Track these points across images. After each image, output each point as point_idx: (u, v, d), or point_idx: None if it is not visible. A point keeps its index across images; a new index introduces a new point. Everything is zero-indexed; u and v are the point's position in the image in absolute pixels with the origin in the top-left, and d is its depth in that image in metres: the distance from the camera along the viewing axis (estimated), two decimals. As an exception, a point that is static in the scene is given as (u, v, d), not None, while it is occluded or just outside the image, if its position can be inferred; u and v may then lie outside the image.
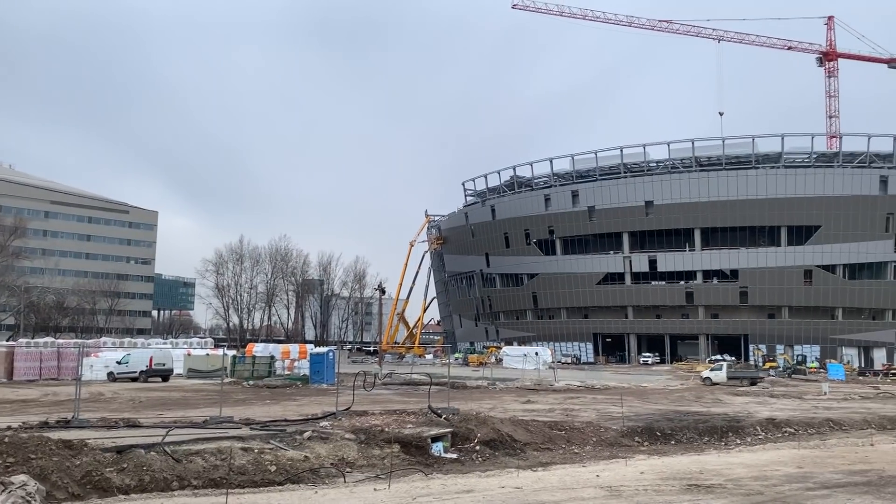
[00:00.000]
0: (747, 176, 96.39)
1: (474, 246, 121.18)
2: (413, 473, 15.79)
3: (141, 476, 13.48)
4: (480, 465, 17.40)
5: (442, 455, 18.12)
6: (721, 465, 16.53)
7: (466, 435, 19.48)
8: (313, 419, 21.26)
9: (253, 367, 49.04)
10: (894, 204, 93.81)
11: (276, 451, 15.92)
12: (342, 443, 17.27)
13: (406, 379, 47.13)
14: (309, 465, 15.58)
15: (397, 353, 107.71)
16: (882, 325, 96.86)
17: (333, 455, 16.52)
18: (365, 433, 18.14)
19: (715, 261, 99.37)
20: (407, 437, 18.23)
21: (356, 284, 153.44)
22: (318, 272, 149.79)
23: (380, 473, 15.37)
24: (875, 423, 27.34)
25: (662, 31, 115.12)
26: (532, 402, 33.93)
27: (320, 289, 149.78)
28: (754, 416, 27.41)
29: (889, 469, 16.26)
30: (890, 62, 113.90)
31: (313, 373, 46.07)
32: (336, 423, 19.98)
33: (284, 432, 17.97)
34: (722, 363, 62.64)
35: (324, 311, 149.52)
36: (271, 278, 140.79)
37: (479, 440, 19.25)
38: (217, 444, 15.72)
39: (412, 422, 20.60)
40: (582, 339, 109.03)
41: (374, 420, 20.91)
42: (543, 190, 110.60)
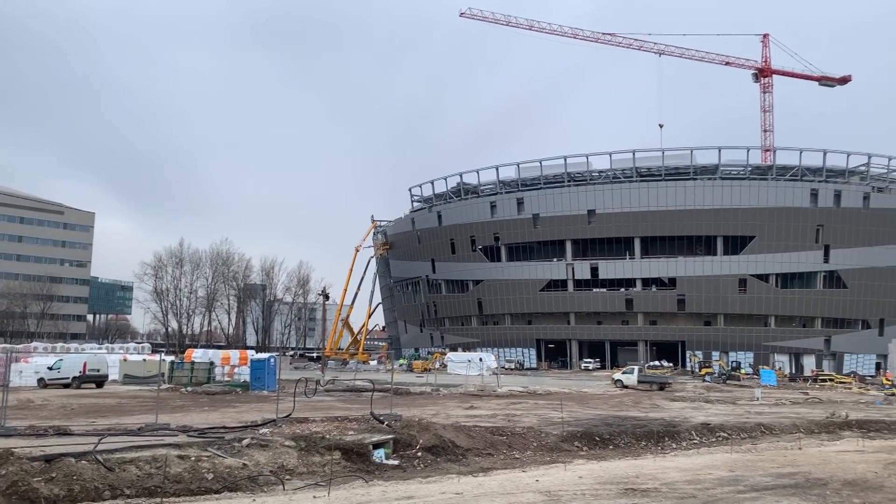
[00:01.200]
0: (685, 187, 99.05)
1: (420, 252, 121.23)
2: (354, 480, 15.70)
3: (71, 486, 13.06)
4: (422, 472, 17.41)
5: (383, 462, 18.07)
6: (657, 470, 16.90)
7: (408, 441, 19.47)
8: (253, 426, 20.93)
9: (192, 373, 47.93)
10: (824, 216, 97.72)
11: (213, 459, 15.63)
12: (282, 450, 17.06)
13: (349, 385, 46.77)
14: (247, 473, 15.34)
15: (341, 359, 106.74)
16: (812, 333, 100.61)
17: (273, 462, 16.31)
18: (305, 440, 17.96)
19: (654, 269, 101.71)
20: (348, 443, 18.12)
21: (300, 290, 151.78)
22: (261, 277, 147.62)
23: (320, 481, 15.24)
24: (803, 428, 28.32)
25: (606, 43, 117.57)
26: (475, 407, 34.10)
27: (262, 294, 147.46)
28: (690, 422, 28.13)
29: (815, 472, 16.87)
30: (821, 80, 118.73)
31: (254, 379, 45.30)
32: (276, 430, 19.72)
33: (223, 439, 17.66)
34: (633, 367, 65.36)
35: (266, 317, 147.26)
36: (212, 283, 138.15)
37: (422, 446, 19.26)
38: (152, 451, 15.35)
39: (354, 428, 20.48)
40: (525, 344, 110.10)
41: (315, 427, 20.72)
42: (489, 197, 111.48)
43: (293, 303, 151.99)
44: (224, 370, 52.22)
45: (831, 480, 15.55)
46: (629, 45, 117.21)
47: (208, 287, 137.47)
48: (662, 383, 58.42)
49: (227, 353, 58.31)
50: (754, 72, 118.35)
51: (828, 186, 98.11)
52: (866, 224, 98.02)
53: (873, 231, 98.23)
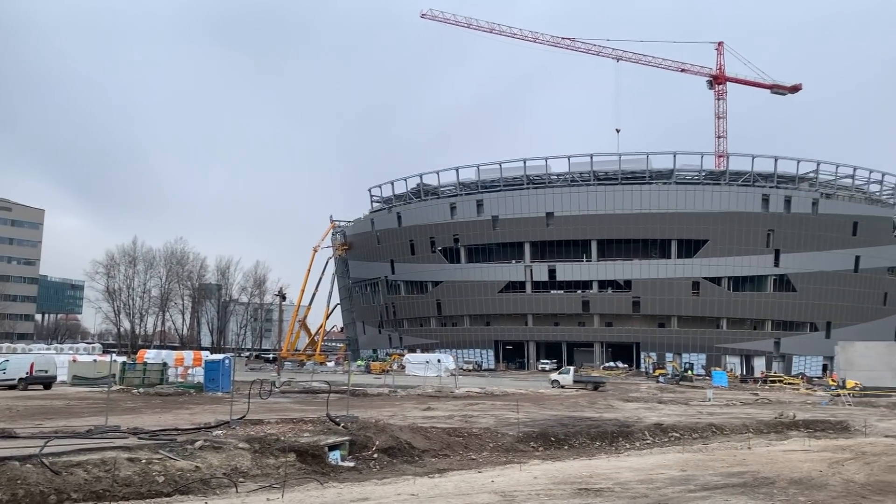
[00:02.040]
0: (641, 191, 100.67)
1: (379, 252, 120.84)
2: (308, 482, 15.57)
3: (14, 490, 12.68)
4: (378, 473, 17.35)
5: (339, 463, 17.96)
6: (610, 470, 17.13)
7: (365, 443, 19.38)
8: (206, 428, 20.61)
9: (144, 374, 46.94)
10: (775, 221, 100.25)
11: (165, 462, 15.34)
12: (235, 452, 16.84)
13: (305, 387, 46.36)
14: (200, 476, 15.10)
15: (298, 360, 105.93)
16: (762, 335, 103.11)
17: (226, 465, 16.08)
18: (260, 442, 17.75)
19: (610, 271, 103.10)
20: (303, 445, 17.96)
21: (256, 290, 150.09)
22: (216, 277, 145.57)
23: (274, 483, 15.07)
24: (753, 428, 28.95)
25: (565, 48, 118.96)
26: (432, 409, 34.12)
27: (218, 294, 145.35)
28: (643, 422, 28.57)
29: (763, 471, 17.26)
30: (773, 88, 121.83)
31: (208, 380, 44.58)
32: (230, 432, 19.45)
33: (175, 442, 17.34)
34: (569, 368, 67.22)
35: (221, 317, 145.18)
36: (166, 282, 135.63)
37: (378, 448, 19.19)
38: (101, 454, 15.00)
39: (309, 430, 20.32)
40: (484, 346, 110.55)
41: (269, 429, 20.50)
42: (449, 199, 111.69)
43: (249, 303, 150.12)
44: (178, 371, 51.31)
45: (778, 479, 15.94)
46: (588, 51, 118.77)
47: (162, 286, 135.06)
48: (597, 383, 60.35)
49: (181, 354, 57.34)
50: (709, 79, 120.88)
51: (778, 192, 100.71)
52: (815, 229, 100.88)
53: (821, 236, 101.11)
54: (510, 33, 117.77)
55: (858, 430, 29.28)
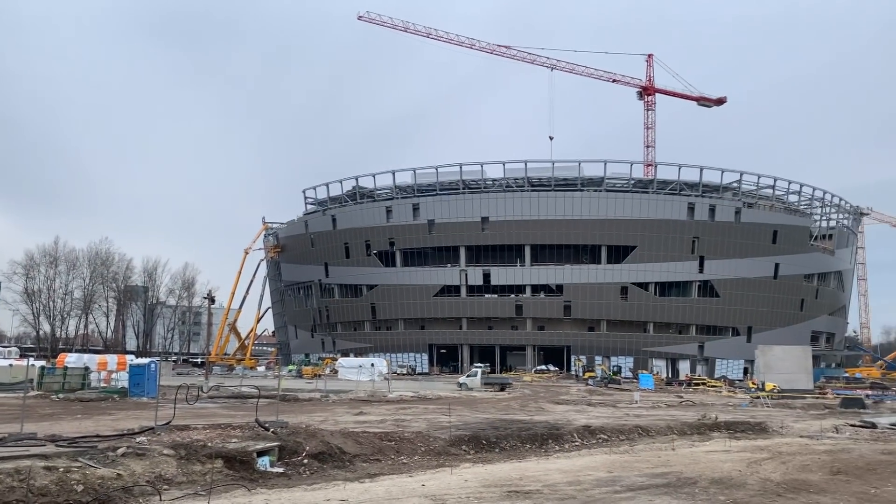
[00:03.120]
0: (573, 197, 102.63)
1: (313, 255, 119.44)
2: (236, 489, 15.27)
3: (-81, 503, 12.02)
4: (307, 479, 17.15)
5: (268, 469, 17.67)
6: (540, 472, 17.38)
7: (295, 448, 19.12)
8: (129, 434, 19.96)
9: (64, 379, 45.13)
10: (699, 229, 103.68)
11: (84, 470, 14.78)
12: (160, 459, 16.36)
13: (234, 392, 45.42)
14: (122, 484, 14.61)
15: (227, 364, 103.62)
16: (687, 339, 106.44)
17: (150, 472, 15.60)
18: (186, 448, 17.29)
19: (542, 276, 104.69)
20: (231, 451, 17.59)
21: (184, 292, 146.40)
22: (143, 278, 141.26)
23: (200, 490, 14.73)
24: (677, 430, 29.73)
25: (502, 55, 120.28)
26: (364, 413, 33.90)
27: (144, 296, 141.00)
28: (572, 424, 29.06)
29: (686, 471, 17.81)
30: (699, 100, 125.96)
31: (133, 385, 43.18)
32: (154, 439, 18.89)
33: (95, 449, 16.71)
34: (477, 370, 68.06)
35: (147, 320, 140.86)
36: (90, 284, 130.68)
37: (308, 453, 18.96)
38: (15, 463, 14.34)
39: (238, 436, 19.92)
40: (418, 349, 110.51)
41: (196, 435, 20.00)
42: (385, 202, 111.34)
43: (177, 306, 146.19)
44: (101, 376, 49.45)
45: (700, 479, 16.48)
46: (523, 59, 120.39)
47: (85, 288, 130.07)
48: (503, 384, 62.04)
49: (105, 358, 55.37)
50: (639, 90, 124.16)
51: (703, 201, 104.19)
52: (737, 237, 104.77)
53: (743, 244, 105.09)
54: (447, 39, 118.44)
55: (776, 431, 30.45)
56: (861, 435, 29.59)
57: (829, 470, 18.52)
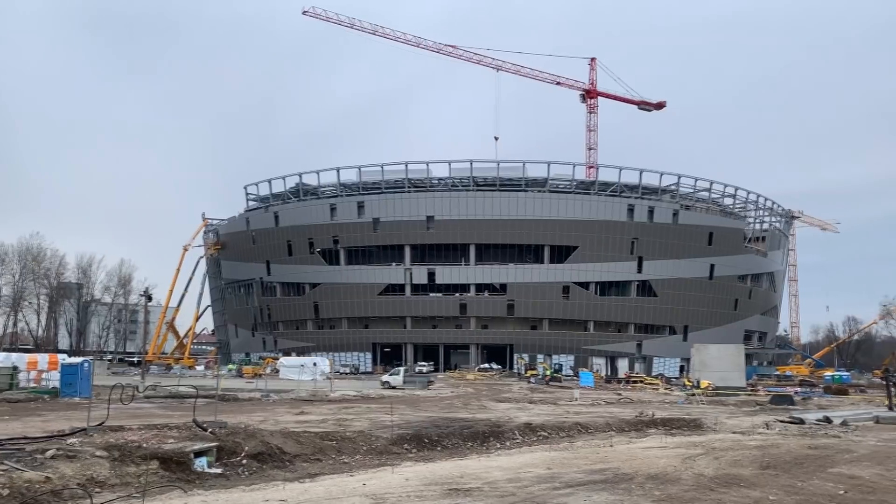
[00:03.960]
0: (517, 198, 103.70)
1: (255, 253, 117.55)
2: (171, 490, 14.91)
3: None
4: (246, 480, 16.87)
5: (206, 470, 17.32)
6: (480, 469, 17.47)
7: (233, 448, 18.78)
8: (60, 436, 19.27)
9: (-10, 379, 43.32)
10: (639, 230, 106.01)
11: (10, 473, 14.21)
12: (92, 461, 15.85)
13: (172, 392, 44.34)
14: (51, 487, 14.09)
15: (165, 364, 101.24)
16: (625, 338, 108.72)
17: (81, 475, 15.10)
18: (119, 450, 16.79)
19: (487, 275, 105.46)
20: (167, 452, 17.17)
21: (121, 290, 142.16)
22: (77, 275, 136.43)
23: (134, 492, 14.33)
24: (615, 426, 30.28)
25: (448, 55, 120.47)
26: (306, 413, 33.56)
27: (78, 293, 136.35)
28: (514, 422, 29.33)
29: (623, 467, 18.13)
30: (640, 104, 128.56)
31: (65, 385, 41.75)
32: (87, 440, 18.28)
33: (23, 451, 16.09)
34: (399, 369, 68.94)
35: (81, 318, 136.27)
36: (19, 280, 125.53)
37: (247, 453, 18.66)
38: (-66, 468, 13.71)
39: (175, 436, 19.45)
40: (361, 349, 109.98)
41: (131, 436, 19.43)
42: (329, 199, 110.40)
43: (113, 304, 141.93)
44: (30, 376, 47.63)
45: (636, 475, 16.81)
46: (469, 59, 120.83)
47: (15, 285, 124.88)
48: (425, 381, 63.35)
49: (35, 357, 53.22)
50: (582, 93, 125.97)
51: (643, 203, 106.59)
52: (675, 238, 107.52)
53: (681, 245, 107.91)
54: (393, 36, 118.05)
55: (710, 428, 31.28)
56: (790, 430, 30.69)
57: (760, 464, 19.13)
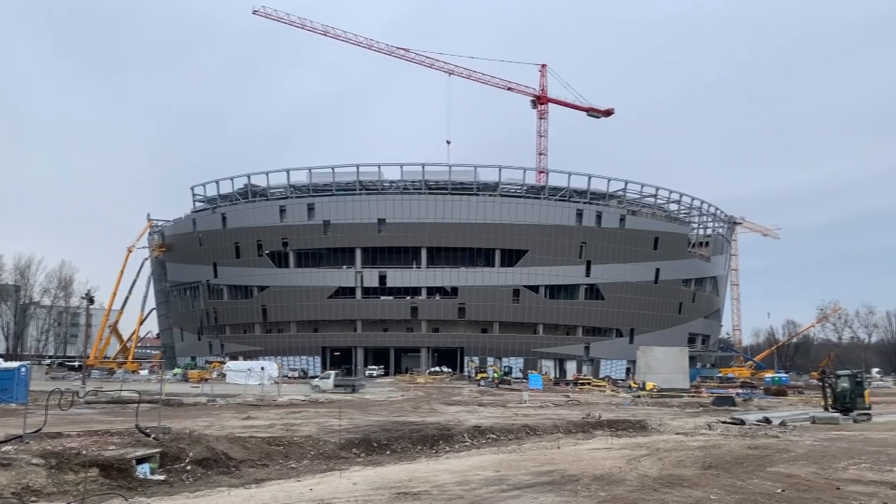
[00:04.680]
0: (469, 201, 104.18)
1: (201, 255, 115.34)
2: (112, 498, 14.56)
3: None
4: (190, 486, 16.57)
5: (148, 477, 16.94)
6: (429, 473, 17.51)
7: (178, 454, 18.42)
8: (-7, 444, 18.60)
9: (-82, 385, 41.45)
10: (587, 234, 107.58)
11: (-61, 484, 13.68)
12: (28, 469, 15.36)
13: (114, 397, 43.16)
14: (-17, 497, 13.62)
15: (107, 368, 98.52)
16: (574, 341, 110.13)
17: (16, 483, 14.62)
18: (57, 457, 16.32)
19: (438, 278, 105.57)
20: (108, 459, 16.75)
21: (61, 292, 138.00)
22: (14, 276, 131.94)
23: (72, 500, 13.95)
24: (563, 428, 30.64)
25: (400, 58, 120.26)
26: (253, 417, 33.10)
27: (16, 295, 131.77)
28: (463, 425, 29.44)
29: (570, 469, 18.38)
30: (589, 111, 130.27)
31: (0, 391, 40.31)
32: (22, 447, 17.70)
33: (-47, 461, 15.50)
34: (329, 373, 68.54)
35: (19, 321, 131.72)
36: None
37: (192, 459, 18.32)
38: None
39: (116, 443, 18.97)
40: (311, 352, 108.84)
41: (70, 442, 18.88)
42: (279, 201, 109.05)
43: (53, 306, 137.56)
44: (-38, 382, 45.81)
45: (582, 476, 17.07)
46: (421, 62, 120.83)
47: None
48: (355, 386, 63.13)
49: (-33, 363, 51.30)
50: (532, 98, 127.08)
51: (591, 208, 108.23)
52: (622, 243, 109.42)
53: (627, 249, 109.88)
54: (345, 38, 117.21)
55: (654, 429, 31.92)
56: (731, 431, 31.54)
57: (702, 465, 19.61)
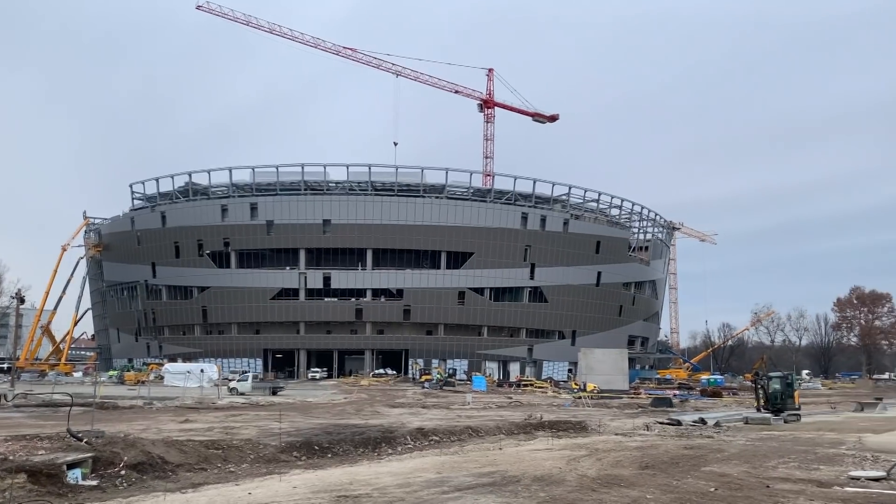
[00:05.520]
0: (416, 203, 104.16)
1: (140, 254, 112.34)
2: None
3: None
4: (124, 491, 16.13)
5: (80, 482, 16.42)
6: (370, 476, 17.46)
7: (111, 459, 17.89)
8: (-88, 451, 17.75)
9: None
10: (531, 237, 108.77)
11: None
12: (-51, 477, 14.72)
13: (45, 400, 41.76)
14: None
15: (38, 370, 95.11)
16: (518, 342, 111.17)
17: (-64, 492, 14.00)
18: (-19, 464, 15.68)
19: (384, 280, 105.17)
20: (36, 465, 16.16)
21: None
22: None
23: (-3, 509, 13.43)
24: (505, 430, 30.89)
25: (347, 58, 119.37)
26: (191, 421, 32.44)
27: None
28: (406, 427, 29.43)
29: (511, 469, 18.57)
30: (534, 116, 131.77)
31: (-80, 395, 38.55)
32: (-57, 455, 16.95)
33: None
34: (247, 374, 68.80)
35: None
36: None
37: (126, 464, 17.82)
38: None
39: (46, 447, 18.34)
40: (252, 354, 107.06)
41: (-4, 448, 18.17)
42: (221, 200, 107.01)
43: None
44: None
45: (523, 477, 17.26)
46: (369, 63, 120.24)
47: None
48: (275, 388, 62.43)
49: None
50: (479, 102, 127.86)
51: (536, 211, 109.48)
52: (565, 246, 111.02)
53: (570, 253, 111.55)
54: (291, 36, 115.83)
55: (594, 430, 32.48)
56: (668, 432, 32.35)
57: (639, 465, 20.06)
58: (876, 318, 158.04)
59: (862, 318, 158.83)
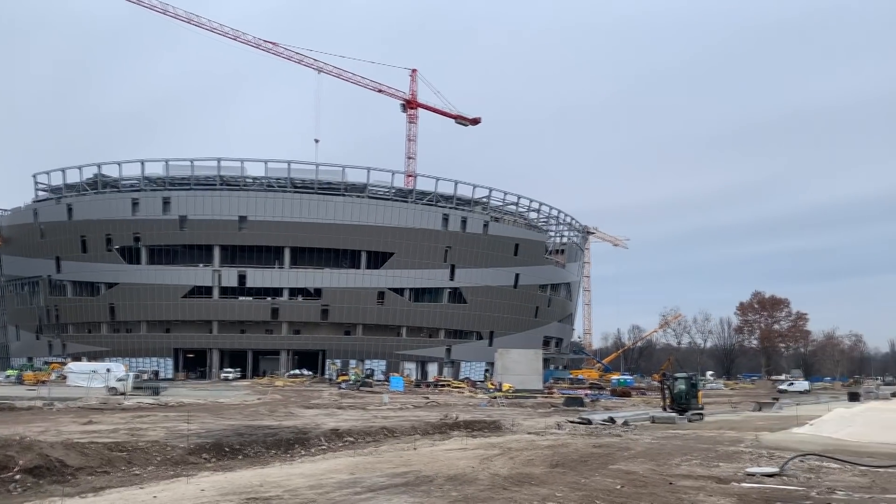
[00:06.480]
0: (336, 202, 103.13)
1: (43, 248, 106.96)
2: (-76, 515, 13.26)
3: None
4: (19, 497, 15.37)
5: (-31, 489, 15.55)
6: (282, 477, 17.23)
7: (5, 463, 17.03)
8: None
9: None
10: (452, 238, 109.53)
11: None
12: None
13: (-67, 401, 39.33)
14: None
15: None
16: (436, 343, 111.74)
17: None
18: None
19: (301, 279, 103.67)
20: (-80, 471, 15.22)
21: None
22: None
23: None
24: (420, 430, 31.02)
25: (268, 51, 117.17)
26: (95, 422, 31.15)
27: None
28: (321, 428, 29.14)
29: (425, 470, 18.69)
30: (457, 118, 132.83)
31: None
32: None
33: None
34: (129, 374, 66.69)
35: None
36: None
37: (21, 468, 16.98)
38: None
39: (-69, 453, 17.27)
40: (162, 354, 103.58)
41: None
42: (131, 193, 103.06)
43: None
44: None
45: (437, 477, 17.41)
46: (290, 58, 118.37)
47: None
48: (156, 389, 60.85)
49: None
50: (402, 102, 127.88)
51: (457, 213, 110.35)
52: (485, 248, 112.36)
53: (490, 254, 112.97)
54: (209, 26, 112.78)
55: (508, 429, 33.03)
56: (579, 430, 33.23)
57: (550, 463, 20.55)
58: (775, 321, 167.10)
59: (762, 321, 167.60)
